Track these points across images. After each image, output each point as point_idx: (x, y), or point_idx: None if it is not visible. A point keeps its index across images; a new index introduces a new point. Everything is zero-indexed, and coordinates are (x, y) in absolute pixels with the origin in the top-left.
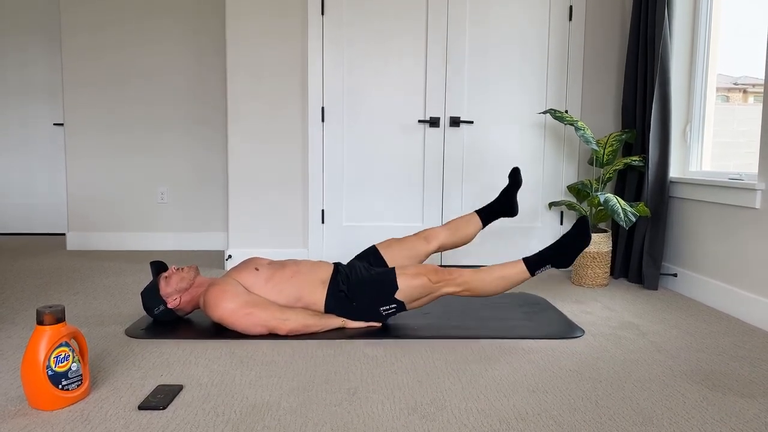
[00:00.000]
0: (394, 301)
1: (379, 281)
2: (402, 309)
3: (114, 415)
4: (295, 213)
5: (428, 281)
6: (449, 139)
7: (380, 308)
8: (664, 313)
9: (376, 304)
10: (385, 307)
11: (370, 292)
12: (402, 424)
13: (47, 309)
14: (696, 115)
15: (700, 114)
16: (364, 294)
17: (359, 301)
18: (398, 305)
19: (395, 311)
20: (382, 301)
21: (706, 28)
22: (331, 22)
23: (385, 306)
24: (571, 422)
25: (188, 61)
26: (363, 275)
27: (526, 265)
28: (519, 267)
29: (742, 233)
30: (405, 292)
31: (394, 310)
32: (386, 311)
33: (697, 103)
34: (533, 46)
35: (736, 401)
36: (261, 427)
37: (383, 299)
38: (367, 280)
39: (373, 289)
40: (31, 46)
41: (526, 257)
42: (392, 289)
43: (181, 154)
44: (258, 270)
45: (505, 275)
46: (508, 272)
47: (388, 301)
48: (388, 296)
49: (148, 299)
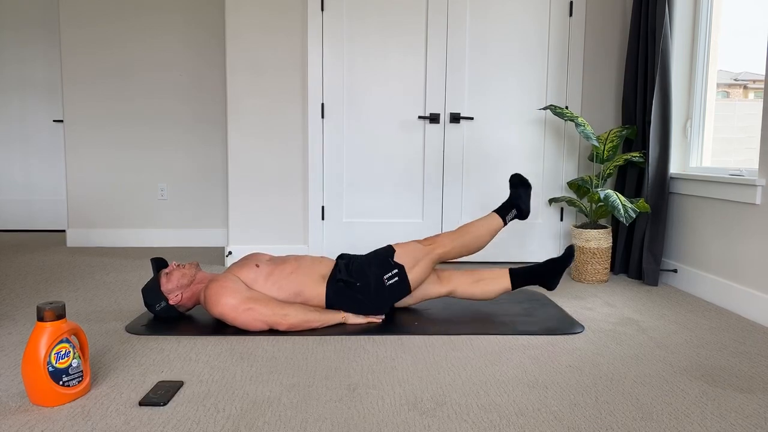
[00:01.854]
0: (394, 266)
1: (377, 254)
2: (404, 277)
3: (114, 411)
4: (295, 209)
5: (419, 244)
6: (449, 135)
7: (383, 278)
8: (664, 308)
9: (380, 274)
10: (387, 275)
11: (371, 266)
12: (402, 419)
13: (48, 305)
14: (696, 111)
15: (701, 110)
16: (366, 271)
17: (363, 281)
18: (399, 270)
19: (398, 278)
20: (383, 270)
21: (707, 24)
22: (331, 17)
23: (387, 273)
24: (571, 417)
25: (188, 56)
26: (363, 257)
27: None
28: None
29: (743, 229)
30: (402, 254)
31: (396, 277)
32: (390, 280)
33: (698, 99)
34: (533, 42)
35: (735, 397)
36: (261, 422)
37: (384, 267)
38: (367, 258)
39: (373, 261)
40: (29, 42)
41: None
42: (389, 254)
43: (181, 150)
44: (258, 266)
45: (480, 223)
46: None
47: (388, 267)
48: (388, 262)
49: (150, 296)
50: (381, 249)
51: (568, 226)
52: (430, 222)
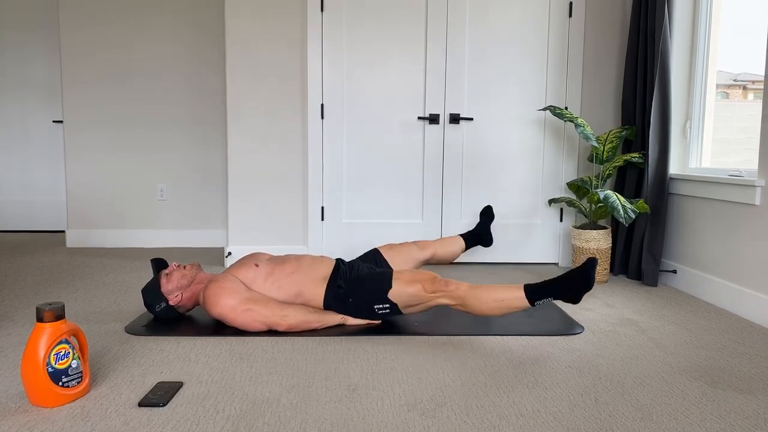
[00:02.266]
0: (387, 301)
1: (375, 280)
2: (397, 311)
3: (114, 412)
4: (295, 210)
5: (422, 289)
6: (449, 136)
7: (375, 306)
8: (664, 309)
9: (371, 302)
10: (379, 306)
11: (365, 290)
12: (402, 420)
13: (47, 306)
14: (696, 112)
15: (700, 111)
16: (360, 291)
17: (355, 298)
18: (391, 306)
19: (390, 312)
20: (376, 300)
21: (706, 25)
22: (330, 18)
23: (379, 305)
24: (571, 418)
25: (188, 57)
26: (362, 273)
27: (526, 292)
28: (518, 293)
29: (742, 230)
30: (398, 294)
31: (388, 310)
32: (380, 310)
33: (697, 99)
34: (533, 43)
35: (735, 397)
36: (261, 423)
37: (377, 297)
38: (364, 278)
39: (369, 286)
40: (30, 42)
41: (528, 284)
42: (386, 288)
43: (181, 151)
44: (258, 266)
45: (503, 298)
46: (506, 296)
47: (381, 300)
48: (382, 295)
49: (150, 296)
50: (381, 275)
51: (567, 227)
52: (429, 222)
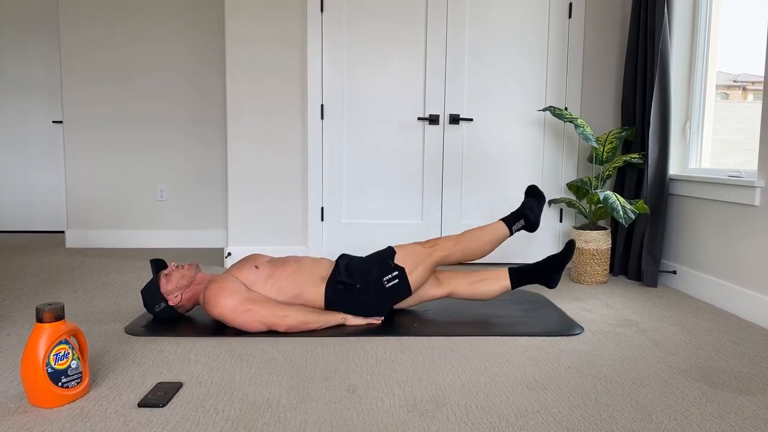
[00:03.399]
0: (394, 268)
1: (378, 255)
2: (404, 279)
3: (114, 412)
4: (295, 210)
5: (420, 246)
6: (449, 137)
7: (384, 279)
8: (664, 310)
9: (380, 276)
10: (387, 276)
11: (371, 267)
12: (401, 421)
13: (47, 306)
14: (695, 113)
15: (700, 111)
16: (366, 272)
17: (363, 282)
18: (399, 272)
19: (398, 280)
20: (383, 271)
21: (706, 26)
22: (330, 19)
23: (388, 275)
24: (571, 419)
25: (188, 57)
26: (363, 259)
27: (504, 222)
28: (497, 223)
29: (742, 230)
30: (402, 257)
31: (396, 279)
32: (390, 282)
33: (697, 100)
34: (533, 44)
35: (735, 398)
36: (261, 424)
37: (384, 268)
38: (368, 259)
39: (373, 263)
40: (29, 43)
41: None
42: (390, 256)
43: (181, 152)
44: (258, 267)
45: (485, 230)
46: (488, 227)
47: (388, 268)
48: (388, 263)
49: (149, 297)
50: (381, 251)
51: (567, 228)
52: (429, 223)
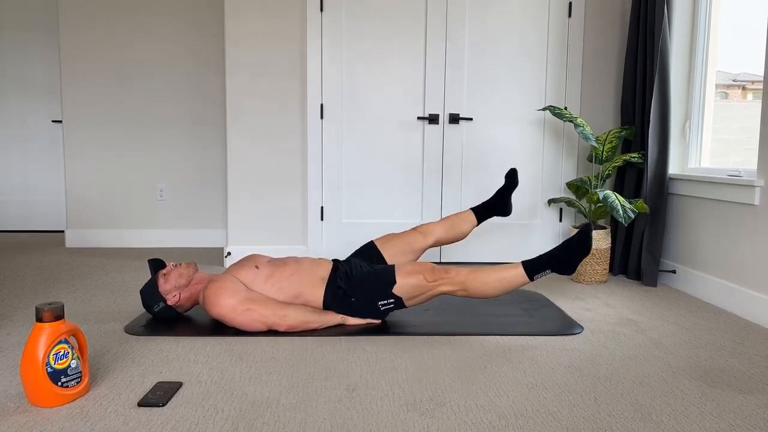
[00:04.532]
0: (391, 296)
1: (378, 277)
2: (400, 305)
3: (113, 412)
4: (295, 210)
5: (424, 280)
6: (448, 136)
7: (378, 303)
8: (663, 309)
9: (375, 299)
10: (383, 302)
11: (369, 288)
12: (401, 420)
13: (46, 306)
14: (695, 112)
15: (700, 111)
16: (363, 289)
17: (358, 297)
18: (396, 300)
19: (393, 306)
20: (380, 296)
21: (706, 25)
22: (330, 18)
23: (383, 301)
24: (570, 419)
25: (187, 57)
26: (363, 272)
27: (524, 268)
28: (517, 270)
29: (741, 230)
30: (401, 288)
31: (392, 305)
32: (384, 306)
33: (697, 99)
34: (533, 43)
35: (734, 397)
36: (260, 423)
37: (381, 294)
38: (367, 277)
39: (372, 284)
40: (29, 42)
41: (526, 261)
42: (390, 284)
43: (180, 151)
44: (258, 268)
45: (503, 277)
46: (506, 274)
47: (385, 296)
48: (386, 291)
49: (148, 297)
50: (383, 272)
51: (567, 227)
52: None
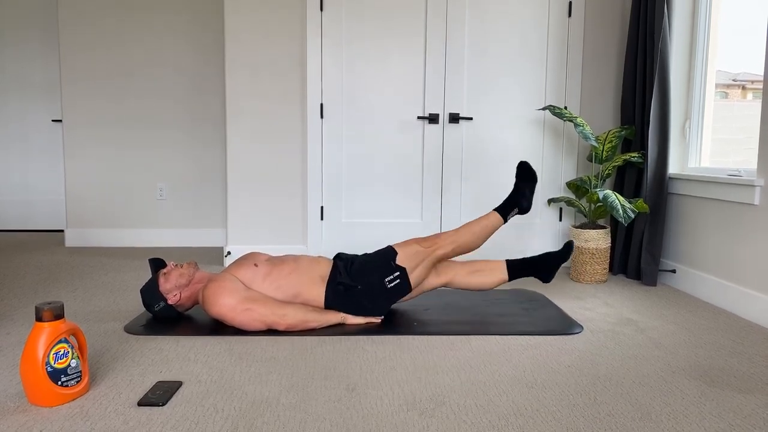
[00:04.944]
0: (396, 269)
1: (378, 255)
2: (405, 279)
3: (113, 411)
4: (294, 209)
5: (420, 247)
6: (448, 136)
7: (385, 280)
8: (663, 309)
9: (382, 277)
10: (389, 277)
11: (372, 268)
12: (401, 419)
13: (46, 305)
14: (695, 112)
15: (699, 110)
16: (367, 273)
17: (364, 282)
18: (401, 272)
19: (399, 281)
20: (385, 272)
21: (706, 25)
22: (330, 17)
23: (390, 276)
24: (570, 418)
25: (187, 57)
26: (361, 258)
27: (498, 212)
28: (492, 215)
29: (741, 229)
30: (403, 258)
31: (398, 279)
32: (391, 282)
33: (697, 99)
34: (533, 43)
35: (734, 397)
36: (260, 423)
37: (385, 269)
38: (368, 260)
39: (374, 263)
40: (28, 41)
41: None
42: (392, 256)
43: (180, 151)
44: (257, 266)
45: (485, 225)
46: (485, 222)
47: (390, 269)
48: (389, 264)
49: (148, 296)
50: (382, 250)
51: (566, 227)
52: (429, 222)
